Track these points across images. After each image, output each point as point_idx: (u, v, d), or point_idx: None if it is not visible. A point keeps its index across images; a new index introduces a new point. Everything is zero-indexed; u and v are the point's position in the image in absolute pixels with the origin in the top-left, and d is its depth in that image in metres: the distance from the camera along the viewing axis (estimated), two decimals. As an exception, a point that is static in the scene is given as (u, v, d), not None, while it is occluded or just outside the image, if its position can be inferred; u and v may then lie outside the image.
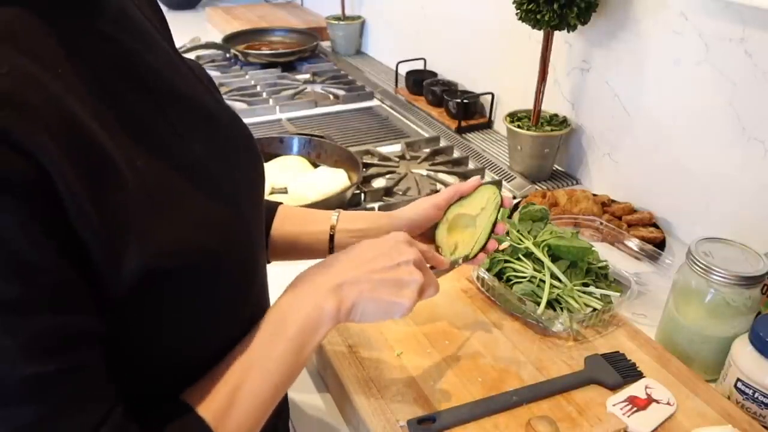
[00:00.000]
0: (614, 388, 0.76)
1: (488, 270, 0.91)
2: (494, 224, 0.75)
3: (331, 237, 0.78)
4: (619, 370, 0.78)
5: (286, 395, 0.73)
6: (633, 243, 1.03)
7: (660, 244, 1.06)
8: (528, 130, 1.31)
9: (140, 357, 0.49)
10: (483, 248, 0.75)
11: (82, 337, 0.43)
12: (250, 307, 0.58)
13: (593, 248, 0.90)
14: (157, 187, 0.47)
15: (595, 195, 1.18)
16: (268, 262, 0.78)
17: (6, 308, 0.38)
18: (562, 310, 0.85)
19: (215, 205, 0.52)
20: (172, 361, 0.52)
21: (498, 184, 1.32)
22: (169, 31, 0.63)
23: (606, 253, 1.00)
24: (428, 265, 0.67)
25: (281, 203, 0.81)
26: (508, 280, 0.89)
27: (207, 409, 0.51)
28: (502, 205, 0.76)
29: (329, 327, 0.58)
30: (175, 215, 0.48)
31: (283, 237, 0.78)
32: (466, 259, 0.75)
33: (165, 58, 0.55)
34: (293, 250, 0.79)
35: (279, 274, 0.71)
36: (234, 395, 0.52)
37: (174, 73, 0.55)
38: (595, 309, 0.85)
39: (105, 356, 0.45)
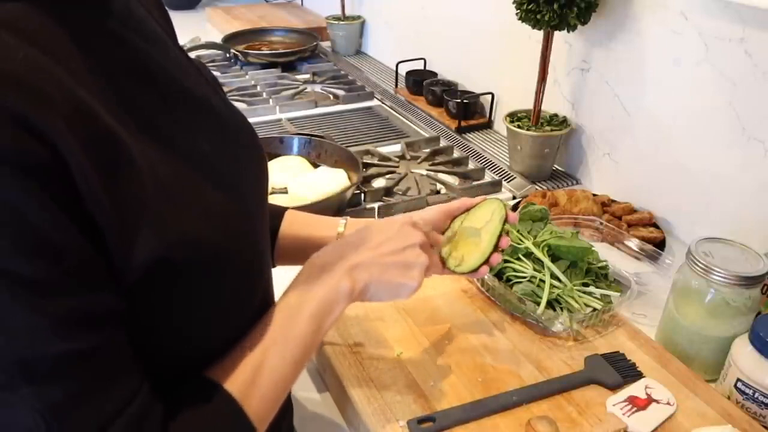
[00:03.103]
0: (614, 388, 0.76)
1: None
2: (499, 237, 0.75)
3: None
4: (619, 370, 0.78)
5: (289, 397, 0.73)
6: (633, 243, 1.03)
7: (660, 244, 1.06)
8: (528, 130, 1.31)
9: (148, 343, 0.50)
10: (486, 261, 0.75)
11: (108, 316, 0.43)
12: (256, 300, 0.59)
13: (593, 248, 0.90)
14: (168, 180, 0.47)
15: (595, 195, 1.18)
16: (274, 266, 0.79)
17: (34, 288, 0.39)
18: (562, 310, 0.85)
19: (222, 199, 0.52)
20: (178, 348, 0.53)
21: (498, 184, 1.32)
22: (173, 30, 0.63)
23: (606, 253, 1.00)
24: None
25: (288, 208, 0.81)
26: (508, 280, 0.89)
27: (232, 385, 0.53)
28: (506, 220, 0.76)
29: (344, 306, 0.62)
30: (185, 207, 0.48)
31: (290, 241, 0.78)
32: (471, 271, 0.75)
33: (172, 56, 0.56)
34: (300, 254, 0.79)
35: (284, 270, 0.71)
36: (257, 373, 0.55)
37: (181, 72, 0.55)
38: (595, 309, 0.85)
39: (128, 336, 0.46)
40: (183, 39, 2.11)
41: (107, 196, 0.41)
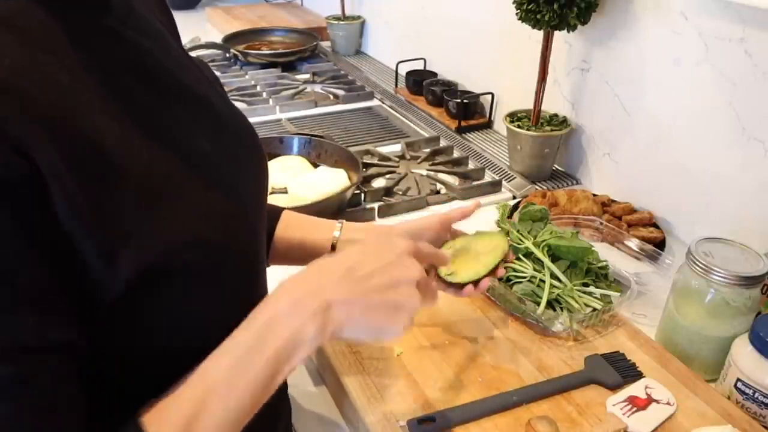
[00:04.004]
0: (614, 388, 0.76)
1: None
2: (496, 267, 0.74)
3: (333, 247, 0.78)
4: (619, 370, 0.78)
5: (287, 397, 0.73)
6: (633, 243, 1.03)
7: (660, 244, 1.06)
8: (528, 130, 1.31)
9: (135, 358, 0.49)
10: (477, 282, 0.73)
11: (57, 345, 0.41)
12: (255, 301, 0.55)
13: (593, 248, 0.90)
14: (163, 179, 0.47)
15: (595, 195, 1.18)
16: (267, 266, 0.78)
17: None
18: (562, 310, 0.85)
19: (222, 199, 0.52)
20: (177, 351, 0.50)
21: (498, 184, 1.32)
22: (176, 29, 0.64)
23: (606, 253, 1.00)
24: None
25: (285, 208, 0.81)
26: (508, 280, 0.89)
27: None
28: (505, 259, 0.76)
29: (309, 351, 0.51)
30: (184, 207, 0.48)
31: (285, 242, 0.78)
32: (458, 286, 0.73)
33: (173, 54, 0.55)
34: (294, 255, 0.79)
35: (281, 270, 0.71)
36: (190, 424, 0.46)
37: (181, 70, 0.55)
38: (595, 309, 0.85)
39: (80, 370, 0.43)
40: (183, 39, 2.12)
41: (88, 206, 0.40)
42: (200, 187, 0.50)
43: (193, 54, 2.23)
